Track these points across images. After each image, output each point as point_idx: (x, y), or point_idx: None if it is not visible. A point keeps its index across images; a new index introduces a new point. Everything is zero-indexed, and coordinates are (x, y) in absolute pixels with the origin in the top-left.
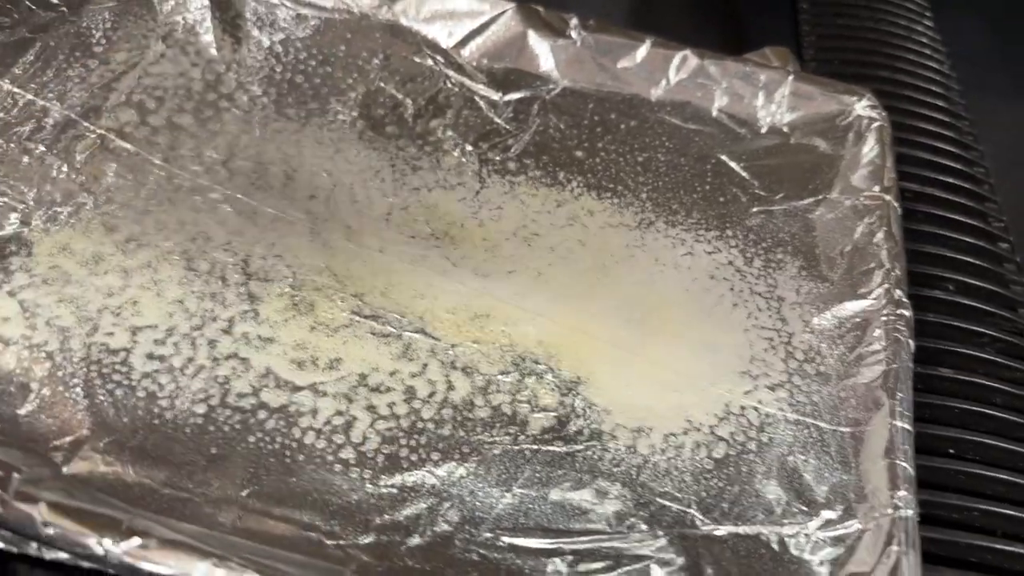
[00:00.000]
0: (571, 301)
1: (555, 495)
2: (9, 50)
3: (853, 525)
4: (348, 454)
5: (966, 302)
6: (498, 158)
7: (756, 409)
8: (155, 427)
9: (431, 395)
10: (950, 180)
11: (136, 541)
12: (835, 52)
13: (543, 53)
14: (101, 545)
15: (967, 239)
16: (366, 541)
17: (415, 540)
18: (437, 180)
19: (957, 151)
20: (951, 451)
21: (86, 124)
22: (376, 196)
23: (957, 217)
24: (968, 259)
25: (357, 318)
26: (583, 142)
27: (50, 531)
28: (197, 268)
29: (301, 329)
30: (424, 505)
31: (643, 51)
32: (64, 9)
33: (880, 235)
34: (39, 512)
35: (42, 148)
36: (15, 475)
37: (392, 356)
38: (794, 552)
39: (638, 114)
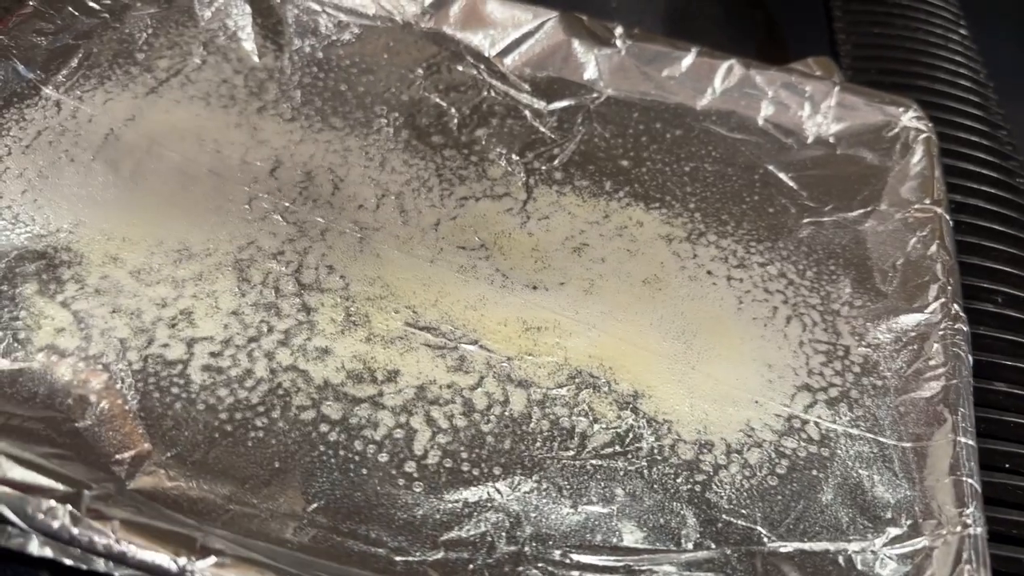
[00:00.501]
0: (624, 313)
1: (621, 512)
2: (53, 57)
3: (920, 542)
4: (410, 468)
5: (1016, 315)
6: (544, 168)
7: (817, 424)
8: (216, 440)
9: (489, 408)
10: (993, 191)
11: (212, 559)
12: (872, 61)
13: (587, 62)
14: (176, 563)
15: (1012, 251)
16: (435, 558)
17: (483, 557)
18: (484, 190)
19: (999, 161)
20: (1007, 466)
21: (131, 132)
22: (424, 206)
23: (1002, 228)
24: (1015, 271)
25: (411, 330)
26: (629, 151)
27: (123, 548)
28: (250, 279)
29: (357, 341)
30: (490, 521)
31: (688, 60)
32: (106, 15)
33: (933, 248)
34: (112, 529)
35: (88, 156)
36: (86, 492)
37: (448, 368)
38: (861, 568)
39: (683, 123)
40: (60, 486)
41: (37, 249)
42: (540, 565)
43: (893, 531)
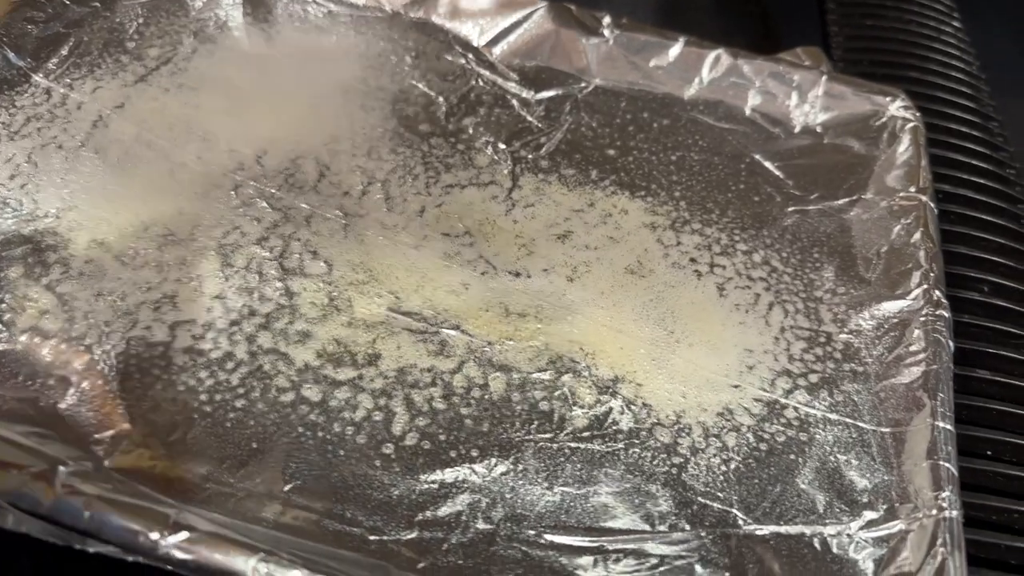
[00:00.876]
0: (606, 300)
1: (597, 494)
2: (43, 45)
3: (896, 526)
4: (388, 449)
5: (1001, 303)
6: (530, 156)
7: (796, 409)
8: (194, 421)
9: (468, 391)
10: (982, 181)
11: (184, 534)
12: (864, 52)
13: (575, 51)
14: (149, 538)
15: (1000, 240)
16: (408, 537)
17: (457, 537)
18: (470, 178)
19: (988, 152)
20: (989, 453)
21: (119, 119)
22: (410, 194)
23: (990, 218)
24: (1002, 260)
25: (393, 315)
26: (615, 141)
27: (97, 524)
28: (234, 263)
29: (339, 325)
30: (466, 501)
31: (676, 50)
32: (97, 4)
33: (917, 236)
34: (86, 505)
35: (77, 143)
36: (61, 468)
37: (429, 352)
38: (836, 551)
39: (670, 113)
40: (37, 463)
41: (24, 233)
42: (514, 545)
43: (869, 515)
